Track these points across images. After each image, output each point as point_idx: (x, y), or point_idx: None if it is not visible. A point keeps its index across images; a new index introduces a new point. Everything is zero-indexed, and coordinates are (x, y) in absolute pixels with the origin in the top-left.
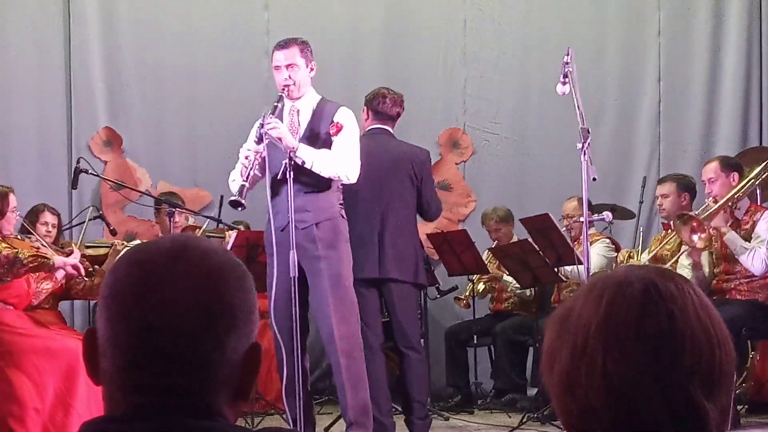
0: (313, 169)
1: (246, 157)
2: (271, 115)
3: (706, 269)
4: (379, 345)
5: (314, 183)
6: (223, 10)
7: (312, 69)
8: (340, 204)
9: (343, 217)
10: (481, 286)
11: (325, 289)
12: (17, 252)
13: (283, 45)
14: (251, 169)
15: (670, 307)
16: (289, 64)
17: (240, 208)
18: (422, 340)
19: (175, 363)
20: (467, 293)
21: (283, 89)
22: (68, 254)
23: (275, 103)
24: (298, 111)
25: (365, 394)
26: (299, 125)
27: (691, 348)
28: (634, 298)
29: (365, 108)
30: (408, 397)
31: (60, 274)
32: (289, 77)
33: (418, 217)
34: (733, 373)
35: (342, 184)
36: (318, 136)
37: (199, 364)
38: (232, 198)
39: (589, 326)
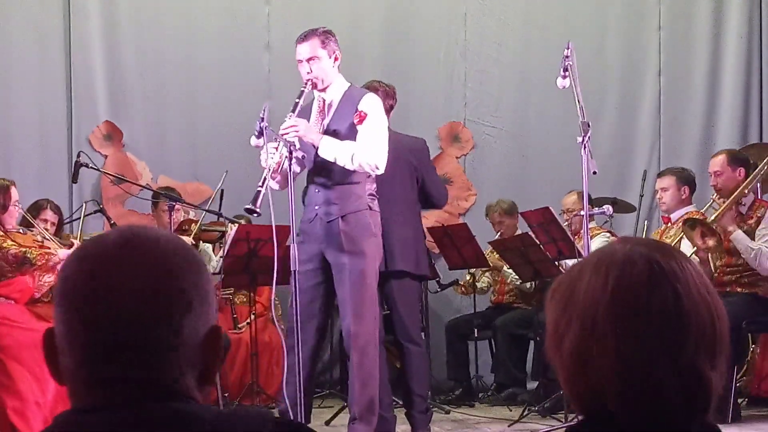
0: (338, 163)
1: (265, 160)
2: (291, 114)
3: (711, 264)
4: (379, 339)
5: (340, 175)
6: (223, 4)
7: (336, 58)
8: (371, 195)
9: (371, 209)
10: (485, 282)
11: (346, 284)
12: (26, 251)
13: (303, 38)
14: (269, 174)
15: (674, 285)
16: (310, 58)
17: (255, 215)
18: (422, 334)
19: (134, 352)
20: (467, 279)
21: (307, 83)
22: (69, 247)
23: (296, 99)
24: (325, 101)
25: (374, 392)
26: (327, 115)
27: (695, 322)
28: (640, 278)
29: None
30: (408, 391)
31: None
32: (311, 71)
33: (420, 209)
34: (728, 340)
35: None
36: (345, 126)
37: (157, 351)
38: (248, 206)
39: (597, 306)
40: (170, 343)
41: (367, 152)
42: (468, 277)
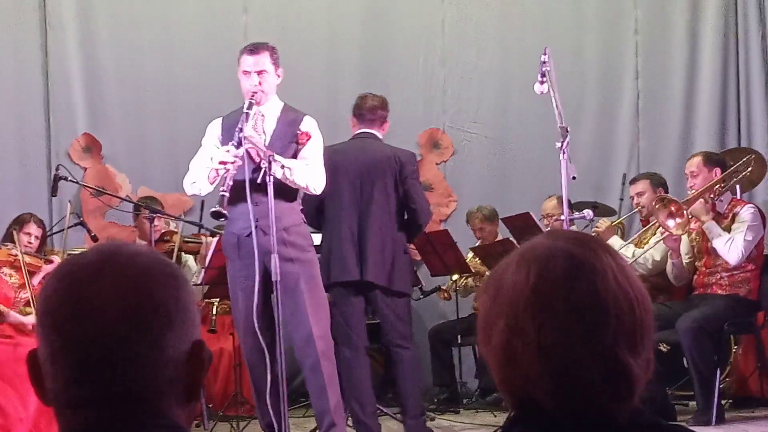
0: (289, 177)
1: (222, 162)
2: (245, 124)
3: (684, 256)
4: (363, 346)
5: (282, 189)
6: (201, 14)
7: (279, 75)
8: (302, 211)
9: (306, 224)
10: (470, 281)
11: (301, 291)
12: None
13: (253, 50)
14: (230, 177)
15: (591, 278)
16: (260, 71)
17: (223, 219)
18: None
19: (116, 371)
20: (449, 284)
21: (252, 96)
22: (48, 262)
23: (246, 110)
24: (263, 117)
25: (339, 392)
26: (263, 131)
27: (614, 312)
28: (558, 272)
29: (351, 116)
30: (400, 397)
31: (36, 280)
32: (259, 83)
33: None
34: (652, 325)
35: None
36: (282, 145)
37: (140, 367)
38: (214, 209)
39: (519, 301)
40: (153, 359)
41: (312, 174)
42: (450, 283)
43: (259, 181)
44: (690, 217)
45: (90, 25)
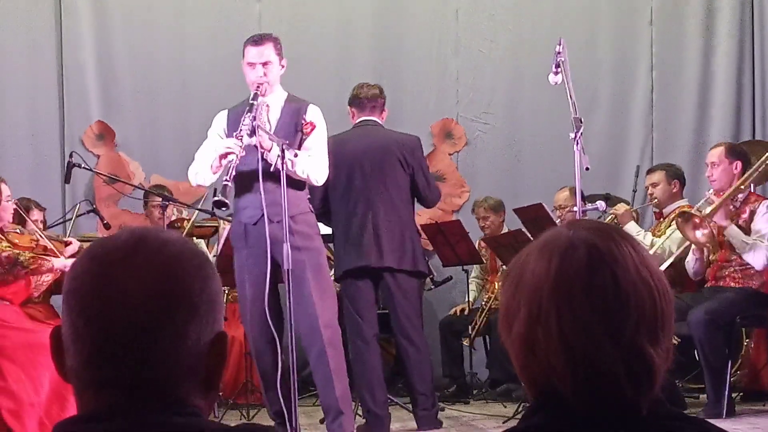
0: (290, 168)
1: (227, 155)
2: (258, 113)
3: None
4: (373, 336)
5: (290, 178)
6: (215, 2)
7: (283, 66)
8: (309, 199)
9: (313, 213)
10: (474, 290)
11: (307, 279)
12: (19, 254)
13: (258, 41)
14: (233, 167)
15: (612, 268)
16: (265, 62)
17: (224, 209)
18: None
19: (137, 355)
20: (472, 334)
21: (258, 87)
22: (67, 244)
23: (251, 101)
24: (267, 107)
25: (347, 382)
26: (268, 122)
27: (635, 301)
28: (580, 263)
29: (349, 108)
30: (411, 389)
31: (58, 263)
32: (264, 74)
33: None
34: (672, 315)
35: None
36: (286, 135)
37: (161, 355)
38: (217, 198)
39: (541, 291)
40: (174, 347)
41: (315, 165)
42: (473, 329)
43: (272, 169)
44: (714, 225)
45: (104, 14)
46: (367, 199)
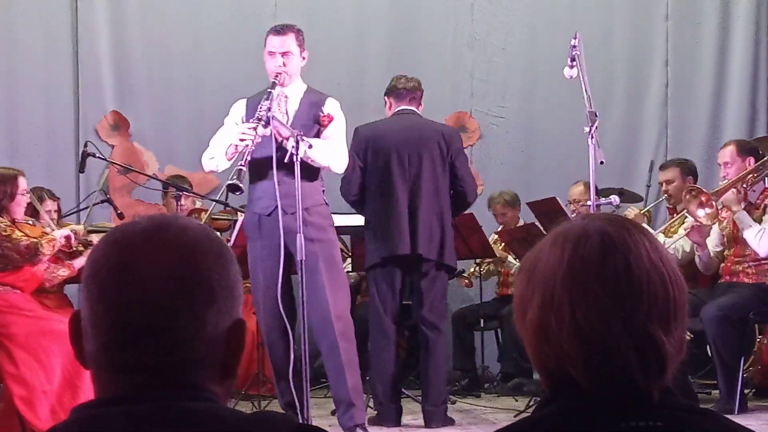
0: (312, 156)
1: (242, 140)
2: (272, 103)
3: (710, 248)
4: (393, 330)
5: (305, 169)
6: None
7: (304, 58)
8: (323, 191)
9: (327, 205)
10: (491, 267)
11: (320, 271)
12: (36, 242)
13: (280, 30)
14: (248, 153)
15: (625, 256)
16: (285, 52)
17: (238, 192)
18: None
19: (155, 340)
20: (471, 270)
21: (276, 76)
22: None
23: (269, 90)
24: (286, 98)
25: (359, 374)
26: (287, 113)
27: (647, 288)
28: (593, 250)
29: (385, 99)
30: (425, 383)
31: (78, 263)
32: (284, 64)
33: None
34: (685, 305)
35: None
36: (305, 126)
37: (180, 340)
38: (230, 182)
39: (554, 278)
40: (192, 333)
41: (334, 153)
42: (472, 269)
43: (286, 160)
44: (720, 207)
45: (120, 5)
46: (406, 187)
